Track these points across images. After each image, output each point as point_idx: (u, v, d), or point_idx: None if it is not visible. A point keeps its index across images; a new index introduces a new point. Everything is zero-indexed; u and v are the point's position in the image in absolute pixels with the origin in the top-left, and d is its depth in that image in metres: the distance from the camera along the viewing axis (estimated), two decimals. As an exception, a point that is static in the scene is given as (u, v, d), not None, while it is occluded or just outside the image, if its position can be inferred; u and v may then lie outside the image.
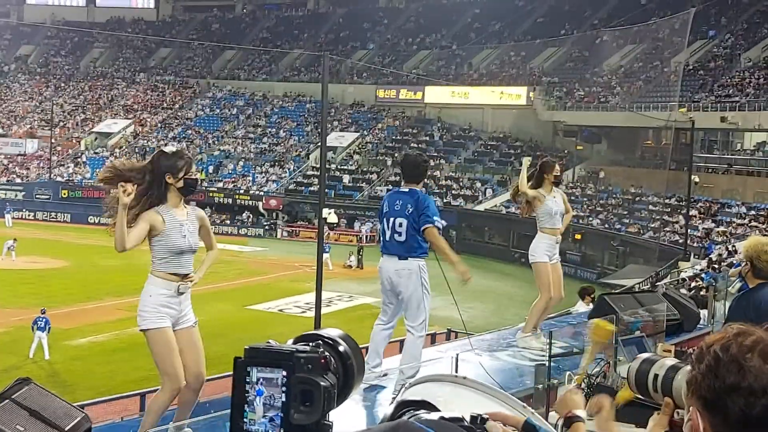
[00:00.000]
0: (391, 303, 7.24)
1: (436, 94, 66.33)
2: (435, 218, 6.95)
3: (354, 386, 2.22)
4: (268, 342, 2.15)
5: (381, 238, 7.28)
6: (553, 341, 8.06)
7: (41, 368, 23.90)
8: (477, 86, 64.84)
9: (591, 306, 5.69)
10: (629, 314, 7.63)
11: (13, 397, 4.38)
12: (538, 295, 8.75)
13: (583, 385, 5.12)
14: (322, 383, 2.06)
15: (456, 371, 5.67)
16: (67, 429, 4.49)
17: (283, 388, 2.09)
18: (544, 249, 8.81)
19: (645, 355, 2.59)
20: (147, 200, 5.39)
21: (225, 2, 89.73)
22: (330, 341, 2.19)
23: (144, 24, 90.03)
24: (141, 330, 5.39)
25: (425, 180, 7.31)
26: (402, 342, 24.61)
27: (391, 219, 6.98)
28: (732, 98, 48.63)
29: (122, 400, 19.13)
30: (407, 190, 7.07)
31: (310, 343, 2.17)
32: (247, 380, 2.12)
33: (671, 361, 2.51)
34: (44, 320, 24.57)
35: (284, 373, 2.08)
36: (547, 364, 5.70)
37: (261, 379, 2.11)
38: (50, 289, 33.53)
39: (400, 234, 6.94)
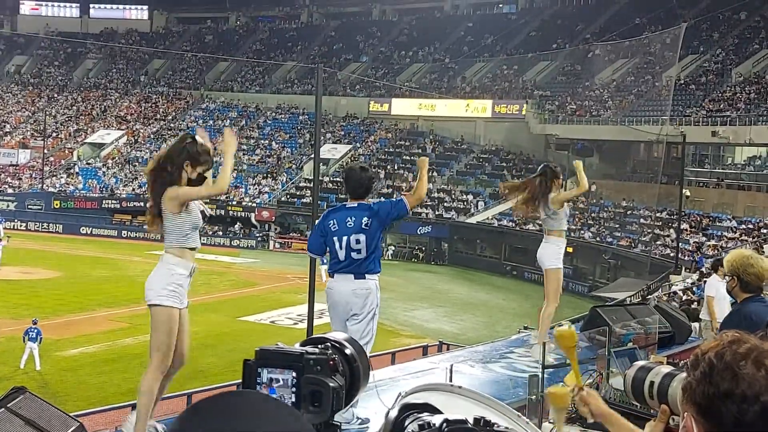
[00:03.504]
0: (338, 328, 6.73)
1: (403, 106, 66.80)
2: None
3: (360, 388, 2.26)
4: (278, 344, 2.20)
5: (330, 260, 6.90)
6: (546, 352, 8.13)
7: (32, 379, 23.80)
8: (470, 99, 65.13)
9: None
10: (621, 326, 7.68)
11: (8, 405, 4.41)
12: (544, 302, 8.76)
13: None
14: (331, 384, 2.11)
15: (450, 382, 5.69)
16: (62, 437, 4.52)
17: (293, 389, 2.13)
18: (555, 253, 8.79)
19: (641, 363, 2.63)
20: (160, 177, 5.45)
21: (219, 14, 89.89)
22: (337, 344, 2.23)
23: (137, 35, 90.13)
24: (152, 304, 5.36)
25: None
26: (394, 354, 24.48)
27: (344, 237, 6.65)
28: (723, 113, 48.87)
29: (114, 410, 19.10)
30: (356, 204, 6.78)
31: (319, 346, 2.21)
32: (258, 381, 2.15)
33: (667, 368, 2.55)
34: (36, 331, 24.51)
35: (294, 374, 2.12)
36: (540, 375, 5.74)
37: (272, 380, 2.15)
38: (42, 300, 33.44)
39: (358, 251, 6.64)
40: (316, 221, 7.04)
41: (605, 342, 6.19)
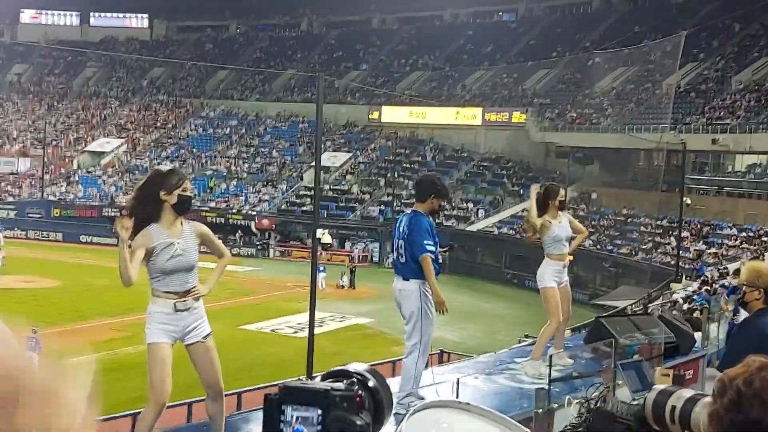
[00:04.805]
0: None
1: (394, 114, 66.96)
2: (426, 244, 6.92)
3: (384, 421, 2.22)
4: (300, 379, 2.17)
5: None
6: (552, 365, 8.11)
7: (32, 388, 23.77)
8: (469, 107, 65.19)
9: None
10: (626, 338, 7.65)
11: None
12: (548, 320, 8.79)
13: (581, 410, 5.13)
14: (358, 422, 2.06)
15: (457, 396, 5.67)
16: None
17: (319, 427, 2.08)
18: (551, 274, 8.87)
19: (660, 387, 2.61)
20: (141, 218, 5.41)
21: (219, 23, 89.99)
22: (360, 377, 2.19)
23: (138, 43, 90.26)
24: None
25: (434, 201, 7.15)
26: (394, 363, 24.52)
27: (395, 240, 7.13)
28: (723, 121, 48.92)
29: (113, 420, 19.05)
30: (410, 211, 7.21)
31: (343, 380, 2.17)
32: (282, 419, 2.11)
33: (689, 392, 2.53)
34: (35, 340, 24.42)
35: (320, 411, 2.08)
36: (546, 388, 5.71)
37: (296, 418, 2.10)
38: (42, 309, 33.33)
39: (401, 255, 7.04)
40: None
41: (611, 353, 6.16)
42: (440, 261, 7.16)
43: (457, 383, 5.61)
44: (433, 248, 6.96)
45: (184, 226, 5.56)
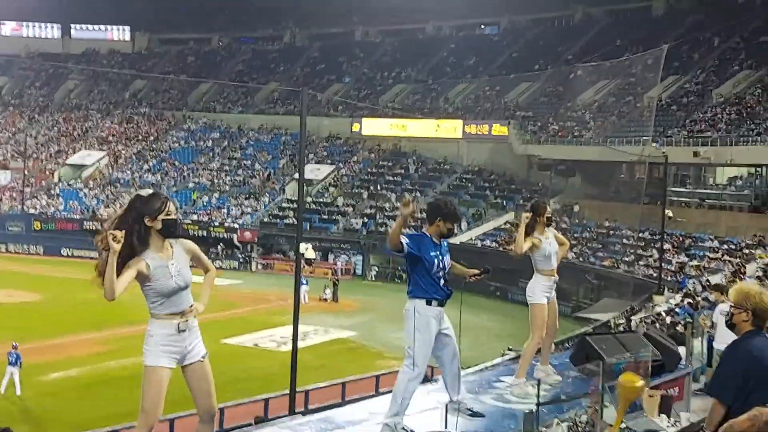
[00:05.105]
0: None
1: (373, 127, 67.10)
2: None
3: None
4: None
5: None
6: (540, 385, 8.08)
7: (13, 404, 23.57)
8: (452, 119, 65.29)
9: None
10: (613, 357, 7.65)
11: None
12: (529, 335, 8.82)
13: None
14: None
15: (445, 421, 5.64)
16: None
17: None
18: (542, 290, 8.94)
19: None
20: (129, 246, 5.33)
21: (201, 35, 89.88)
22: None
23: (119, 56, 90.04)
24: (143, 365, 5.36)
25: (441, 224, 7.35)
26: (378, 378, 24.29)
27: None
28: (704, 133, 49.20)
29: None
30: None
31: None
32: None
33: None
34: (15, 355, 24.23)
35: None
36: (534, 411, 5.68)
37: None
38: (23, 323, 33.10)
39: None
40: None
41: (598, 374, 6.14)
42: (439, 282, 7.19)
43: (446, 409, 5.57)
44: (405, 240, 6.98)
45: (173, 247, 5.52)
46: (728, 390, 5.47)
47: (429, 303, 7.06)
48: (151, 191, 5.64)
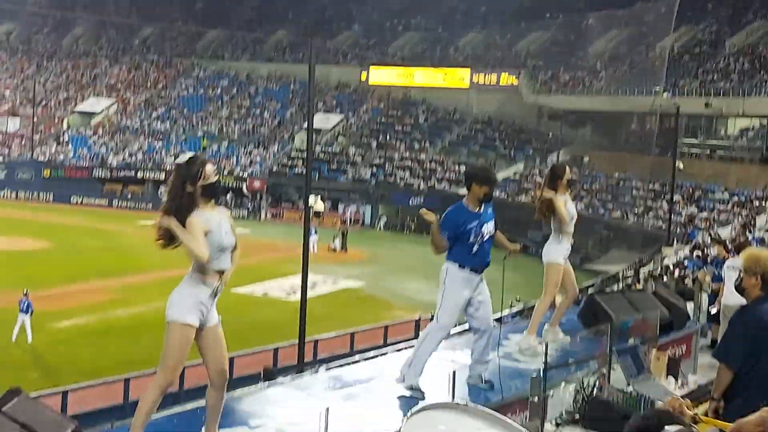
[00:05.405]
0: None
1: (380, 74, 66.50)
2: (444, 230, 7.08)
3: None
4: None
5: None
6: (548, 341, 8.08)
7: (24, 351, 23.80)
8: (460, 68, 64.78)
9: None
10: (621, 316, 7.63)
11: (3, 409, 4.32)
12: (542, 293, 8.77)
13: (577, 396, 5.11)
14: None
15: (453, 388, 5.64)
16: (57, 442, 4.45)
17: None
18: (562, 252, 8.85)
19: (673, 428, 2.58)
20: (181, 211, 5.37)
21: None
22: None
23: (128, 2, 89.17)
24: (169, 320, 5.31)
25: (476, 188, 7.24)
26: (386, 328, 24.40)
27: None
28: (716, 84, 48.75)
29: (107, 385, 19.10)
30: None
31: None
32: None
33: None
34: (26, 303, 24.41)
35: None
36: (541, 376, 5.67)
37: None
38: (33, 271, 33.26)
39: None
40: None
41: (606, 336, 6.11)
42: (473, 250, 7.15)
43: (453, 376, 5.57)
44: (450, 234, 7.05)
45: (217, 209, 5.60)
46: (736, 355, 5.45)
47: (462, 267, 7.14)
48: (189, 156, 5.65)
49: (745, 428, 1.93)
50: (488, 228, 7.21)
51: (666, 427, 2.31)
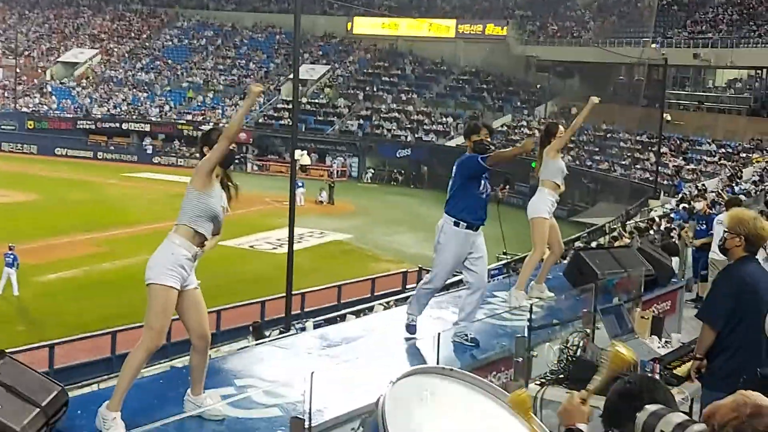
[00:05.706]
0: None
1: (365, 25, 66.08)
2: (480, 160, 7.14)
3: None
4: None
5: None
6: (533, 297, 8.13)
7: (10, 304, 23.79)
8: (445, 18, 64.28)
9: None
10: (606, 273, 7.65)
11: (-13, 372, 4.31)
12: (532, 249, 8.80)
13: (562, 357, 5.13)
14: None
15: (438, 351, 5.65)
16: (44, 404, 4.43)
17: None
18: (547, 206, 8.82)
19: (653, 408, 2.58)
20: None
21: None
22: None
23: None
24: (148, 283, 5.28)
25: (474, 138, 7.33)
26: (374, 281, 24.39)
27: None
28: (705, 35, 48.56)
29: (94, 339, 19.13)
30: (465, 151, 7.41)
31: None
32: None
33: (679, 417, 2.49)
34: (12, 256, 24.36)
35: None
36: (526, 336, 5.70)
37: None
38: (18, 224, 33.09)
39: (449, 192, 7.34)
40: None
41: (591, 294, 6.13)
42: (476, 203, 7.23)
43: (438, 338, 5.58)
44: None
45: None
46: (719, 315, 5.48)
47: (457, 225, 7.14)
48: (211, 126, 5.72)
49: (720, 411, 1.92)
50: (488, 184, 7.26)
51: (692, 426, 2.34)
